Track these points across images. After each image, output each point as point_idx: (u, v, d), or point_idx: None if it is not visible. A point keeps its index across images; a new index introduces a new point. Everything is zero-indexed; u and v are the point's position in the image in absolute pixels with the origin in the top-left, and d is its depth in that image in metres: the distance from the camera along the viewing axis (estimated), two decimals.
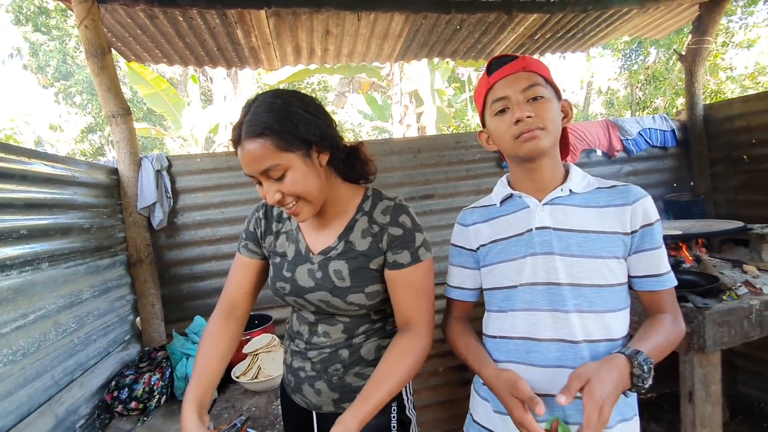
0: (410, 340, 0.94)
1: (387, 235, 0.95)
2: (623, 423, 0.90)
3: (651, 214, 0.90)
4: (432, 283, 0.99)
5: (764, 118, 2.39)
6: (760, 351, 2.55)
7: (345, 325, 1.00)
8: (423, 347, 0.94)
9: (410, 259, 0.94)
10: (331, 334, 1.00)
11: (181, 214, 2.18)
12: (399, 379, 0.90)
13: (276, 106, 0.85)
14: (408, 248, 0.94)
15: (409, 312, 0.96)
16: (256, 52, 2.53)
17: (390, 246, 0.95)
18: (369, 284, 0.96)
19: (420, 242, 0.96)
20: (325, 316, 1.01)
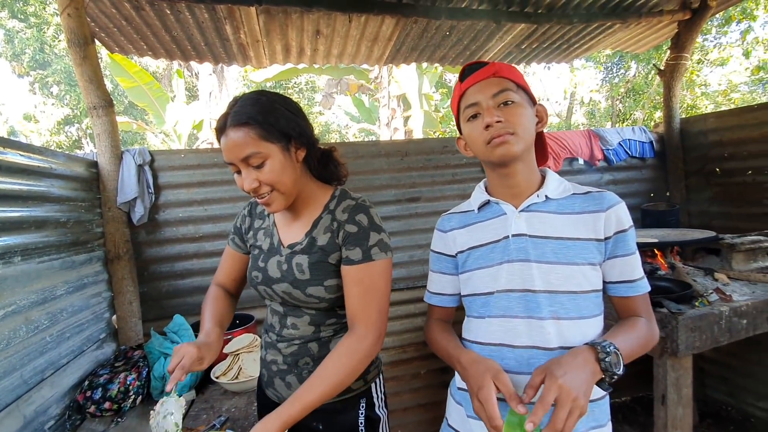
0: (351, 341, 0.96)
1: (343, 231, 0.99)
2: (597, 429, 0.91)
3: (624, 220, 0.91)
4: (385, 285, 0.99)
5: (736, 133, 2.49)
6: (726, 356, 2.65)
7: (311, 317, 1.04)
8: (365, 349, 0.95)
9: (361, 257, 0.97)
10: (299, 326, 1.05)
11: (163, 210, 2.14)
12: (333, 382, 0.92)
13: (261, 101, 0.94)
14: (360, 246, 0.97)
15: (355, 309, 0.98)
16: (244, 48, 2.50)
17: (344, 242, 0.98)
18: (328, 278, 1.00)
19: (374, 242, 0.98)
20: (292, 308, 1.06)
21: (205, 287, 2.18)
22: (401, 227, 2.45)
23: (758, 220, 2.38)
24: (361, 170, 2.38)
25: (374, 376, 1.11)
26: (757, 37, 8.89)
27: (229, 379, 1.64)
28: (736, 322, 1.53)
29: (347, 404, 1.05)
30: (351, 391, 1.05)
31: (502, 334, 0.93)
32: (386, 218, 2.42)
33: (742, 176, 2.47)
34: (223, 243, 2.17)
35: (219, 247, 2.20)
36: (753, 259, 1.92)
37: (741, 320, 1.54)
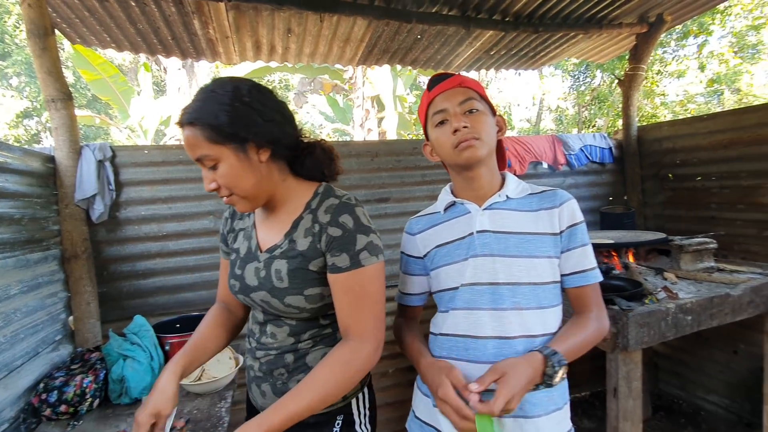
0: (345, 351, 0.88)
1: (326, 235, 0.90)
2: (556, 411, 0.97)
3: (576, 215, 0.99)
4: (379, 290, 0.91)
5: (688, 141, 2.65)
6: (678, 352, 2.81)
7: (291, 328, 0.97)
8: (360, 360, 0.87)
9: (349, 263, 0.88)
10: (277, 335, 0.98)
11: (125, 208, 2.08)
12: (321, 394, 0.84)
13: (214, 96, 0.84)
14: (347, 251, 0.88)
15: (347, 320, 0.90)
16: (213, 44, 2.46)
17: (328, 247, 0.89)
18: (308, 286, 0.92)
19: (362, 245, 0.89)
20: (273, 317, 0.99)
21: (169, 287, 2.14)
22: None
23: (706, 223, 2.54)
24: None
25: (355, 392, 1.02)
26: (712, 51, 9.45)
27: (191, 380, 1.61)
28: (682, 318, 1.63)
29: (320, 420, 0.97)
30: (328, 407, 0.97)
31: (467, 325, 0.98)
32: None
33: (693, 182, 2.63)
34: (189, 242, 2.16)
35: (183, 246, 2.15)
36: (699, 260, 2.05)
37: (686, 316, 1.64)
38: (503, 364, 0.85)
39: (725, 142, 2.43)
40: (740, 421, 2.45)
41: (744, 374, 2.41)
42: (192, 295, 2.17)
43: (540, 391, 0.92)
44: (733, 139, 2.39)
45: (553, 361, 0.85)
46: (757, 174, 2.28)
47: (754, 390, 2.23)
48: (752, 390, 2.29)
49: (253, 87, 0.89)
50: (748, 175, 2.32)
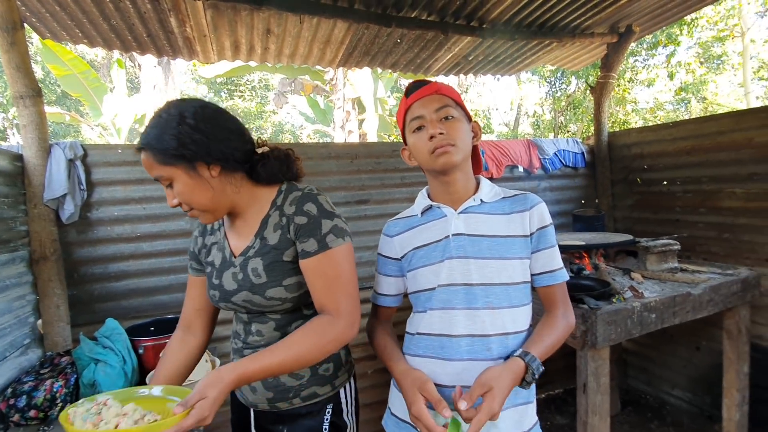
0: (321, 321, 0.93)
1: (293, 224, 0.96)
2: (524, 405, 1.02)
3: (546, 217, 1.04)
4: (349, 269, 0.97)
5: (654, 147, 2.77)
6: (646, 349, 2.93)
7: (276, 322, 1.02)
8: (336, 333, 0.92)
9: (317, 247, 0.94)
10: (263, 332, 1.03)
11: (96, 209, 2.02)
12: (297, 353, 0.89)
13: (161, 120, 0.90)
14: (314, 236, 0.94)
15: (322, 300, 0.95)
16: (190, 42, 2.43)
17: (297, 235, 0.95)
18: (286, 277, 0.97)
19: (328, 229, 0.95)
20: (257, 315, 1.03)
21: (142, 289, 2.09)
22: (350, 229, 2.48)
23: (671, 226, 2.66)
24: (310, 172, 2.37)
25: (343, 382, 1.09)
26: (680, 61, 9.85)
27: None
28: (647, 316, 1.71)
29: (313, 409, 1.04)
30: (317, 396, 1.04)
31: (442, 325, 1.02)
32: None
33: (659, 186, 2.75)
34: (163, 243, 2.12)
35: (158, 248, 2.11)
36: (664, 261, 2.15)
37: (650, 314, 1.72)
38: (488, 377, 0.88)
39: (688, 149, 2.56)
40: (702, 413, 2.57)
41: (705, 369, 2.53)
42: (167, 298, 2.14)
43: None
44: (695, 146, 2.52)
45: (533, 368, 0.91)
46: (716, 179, 2.41)
47: (715, 384, 2.35)
48: (713, 384, 2.42)
49: (199, 108, 0.93)
50: (709, 180, 2.45)
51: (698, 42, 10.22)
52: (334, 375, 1.07)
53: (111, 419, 0.76)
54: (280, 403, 1.03)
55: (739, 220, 2.31)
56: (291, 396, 1.03)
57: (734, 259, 2.32)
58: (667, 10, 2.66)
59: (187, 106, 0.93)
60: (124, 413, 0.78)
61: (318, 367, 1.04)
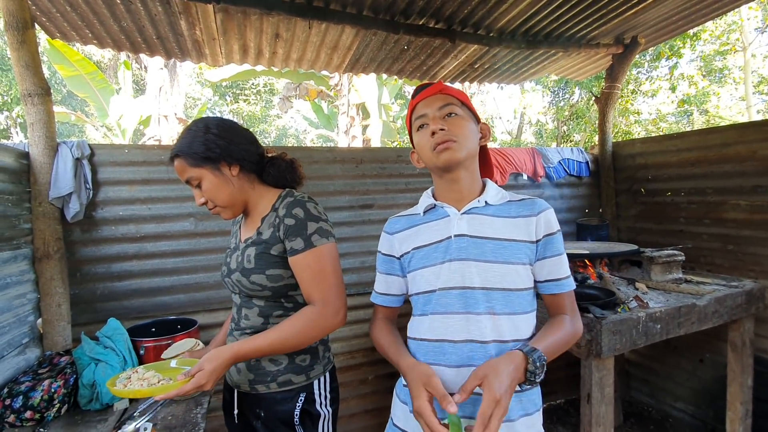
0: (309, 310, 1.08)
1: (283, 225, 1.10)
2: (526, 417, 0.98)
3: (553, 224, 1.01)
4: (333, 266, 1.10)
5: (658, 158, 2.77)
6: (649, 360, 2.90)
7: (260, 309, 1.16)
8: (322, 318, 1.06)
9: (303, 245, 1.08)
10: (250, 317, 1.17)
11: (101, 208, 2.03)
12: (284, 336, 1.04)
13: (191, 132, 1.13)
14: (300, 235, 1.08)
15: (309, 291, 1.09)
16: (199, 45, 2.45)
17: (286, 235, 1.10)
18: (270, 267, 1.11)
19: (313, 230, 1.09)
20: (246, 299, 1.18)
21: (145, 290, 2.09)
22: (354, 233, 2.48)
23: (675, 237, 2.65)
24: (315, 175, 2.39)
25: (318, 374, 1.19)
26: (682, 73, 9.90)
27: None
28: (652, 327, 1.70)
29: (287, 396, 1.14)
30: (292, 384, 1.15)
31: (442, 330, 0.99)
32: (339, 224, 2.44)
33: (663, 197, 2.75)
34: (168, 244, 2.13)
35: (161, 249, 2.11)
36: (668, 271, 2.14)
37: (656, 325, 1.71)
38: (483, 368, 0.84)
39: (692, 160, 2.56)
40: (705, 427, 2.54)
41: (709, 382, 2.51)
42: (170, 299, 2.13)
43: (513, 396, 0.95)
44: (699, 158, 2.52)
45: (533, 358, 0.86)
46: (721, 191, 2.41)
47: (718, 397, 2.32)
48: (716, 397, 2.39)
49: (220, 121, 1.16)
50: (714, 191, 2.45)
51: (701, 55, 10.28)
52: (309, 366, 1.18)
53: (135, 382, 1.04)
54: (259, 385, 1.15)
55: (743, 232, 2.30)
56: (269, 380, 1.14)
57: (738, 271, 2.31)
58: (672, 23, 2.68)
59: (210, 120, 1.16)
60: (146, 378, 1.05)
61: (295, 356, 1.16)
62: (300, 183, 1.28)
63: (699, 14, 2.54)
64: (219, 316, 2.16)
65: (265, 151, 1.25)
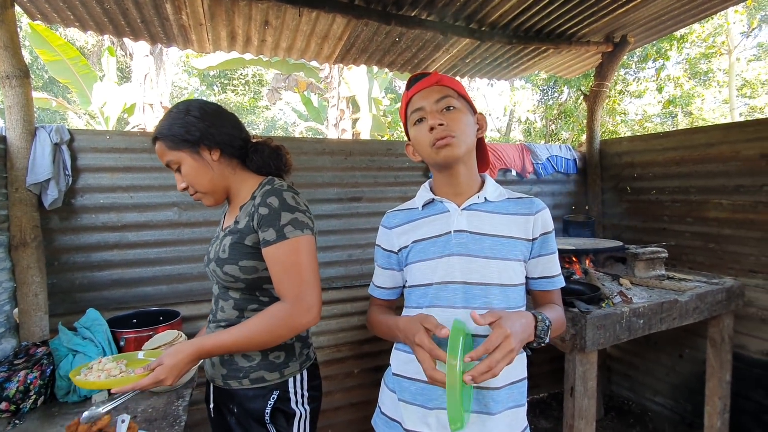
0: (276, 307, 1.03)
1: (257, 214, 1.05)
2: (516, 408, 1.00)
3: (549, 224, 1.03)
4: (306, 260, 1.03)
5: (644, 156, 2.81)
6: (629, 355, 2.96)
7: (235, 301, 1.12)
8: (289, 316, 1.00)
9: (275, 237, 1.02)
10: (225, 309, 1.14)
11: (81, 195, 1.97)
12: (248, 333, 1.00)
13: (171, 114, 1.10)
14: (273, 226, 1.03)
15: (279, 286, 1.04)
16: (186, 31, 2.38)
17: (259, 225, 1.05)
18: (243, 258, 1.07)
19: (287, 221, 1.03)
20: (223, 290, 1.14)
21: (126, 280, 2.04)
22: (341, 226, 2.46)
23: (658, 234, 2.70)
24: (304, 166, 2.36)
25: (294, 372, 1.14)
26: (669, 75, 10.04)
27: None
28: (635, 322, 1.72)
29: (259, 393, 1.10)
30: (264, 381, 1.11)
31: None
32: (327, 216, 2.42)
33: (648, 195, 2.79)
34: (151, 233, 2.08)
35: (144, 238, 2.06)
36: (652, 268, 2.18)
37: (639, 320, 1.74)
38: (498, 311, 0.85)
39: (677, 159, 2.60)
40: (683, 421, 2.60)
41: (687, 377, 2.57)
42: (151, 290, 2.08)
43: (504, 389, 0.95)
44: (684, 157, 2.56)
45: (542, 317, 0.89)
46: (704, 190, 2.45)
47: (696, 392, 2.38)
48: (694, 392, 2.45)
49: (202, 104, 1.13)
50: (697, 191, 2.49)
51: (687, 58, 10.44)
52: (284, 364, 1.13)
53: (95, 373, 1.02)
54: (232, 381, 1.12)
55: (724, 230, 2.35)
56: (241, 376, 1.11)
57: (719, 269, 2.36)
58: (661, 22, 2.70)
59: (192, 102, 1.13)
60: (107, 369, 1.03)
61: (269, 352, 1.11)
62: (287, 171, 1.23)
63: (687, 15, 2.57)
64: (202, 308, 2.12)
65: (250, 137, 1.21)
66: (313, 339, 2.33)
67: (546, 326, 0.89)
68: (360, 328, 2.44)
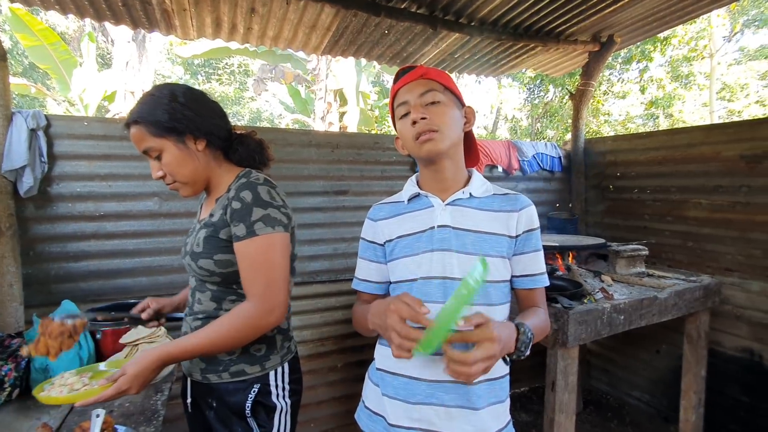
0: (239, 308, 1.00)
1: (230, 208, 1.02)
2: (497, 404, 1.00)
3: (534, 221, 1.02)
4: (274, 258, 1.00)
5: (627, 155, 2.85)
6: (608, 351, 3.02)
7: (213, 293, 1.09)
8: (250, 318, 0.98)
9: (245, 232, 1.00)
10: (202, 301, 1.11)
11: (58, 183, 1.90)
12: (210, 337, 0.98)
13: (154, 98, 1.03)
14: (244, 221, 1.00)
15: (245, 283, 1.01)
16: (169, 16, 2.31)
17: (231, 219, 1.02)
18: (218, 252, 1.04)
19: (258, 217, 1.00)
20: (200, 283, 1.12)
21: (103, 271, 1.99)
22: (327, 219, 2.44)
23: (639, 232, 2.75)
24: (289, 158, 2.33)
25: (275, 365, 1.12)
26: (652, 77, 10.23)
27: None
28: (615, 318, 1.76)
29: (239, 386, 1.08)
30: (245, 374, 1.08)
31: None
32: (312, 209, 2.39)
33: (630, 194, 2.84)
34: (129, 224, 2.03)
35: (122, 228, 2.01)
36: (632, 265, 2.22)
37: (619, 316, 1.77)
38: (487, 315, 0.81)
39: (659, 159, 2.64)
40: (659, 415, 2.68)
41: (664, 372, 2.64)
42: (130, 282, 2.03)
43: (484, 383, 0.96)
44: (666, 157, 2.61)
45: (524, 329, 0.87)
46: (684, 189, 2.51)
47: (671, 386, 2.45)
48: (669, 386, 2.52)
49: (187, 90, 1.07)
50: (677, 190, 2.54)
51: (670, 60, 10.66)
52: (265, 356, 1.11)
53: (57, 388, 1.01)
54: (211, 375, 1.09)
55: (703, 229, 2.41)
56: (221, 369, 1.08)
57: (697, 267, 2.41)
58: (647, 23, 2.74)
59: (176, 87, 1.06)
60: (69, 384, 1.02)
61: (250, 345, 1.08)
62: (267, 165, 1.20)
63: (673, 16, 2.61)
64: None
65: (232, 128, 1.17)
66: (297, 333, 2.32)
67: (527, 339, 0.87)
68: (344, 323, 2.43)
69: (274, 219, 1.02)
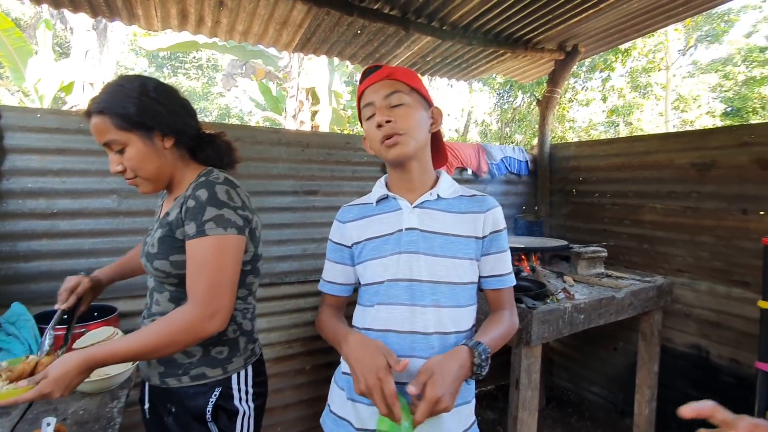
0: (176, 312, 0.95)
1: (185, 206, 1.00)
2: (463, 405, 1.02)
3: (500, 222, 1.04)
4: (222, 261, 0.96)
5: (590, 161, 2.97)
6: (569, 349, 3.14)
7: (171, 294, 1.06)
8: (187, 321, 0.92)
9: (195, 231, 0.96)
10: (160, 302, 1.07)
11: (7, 179, 1.78)
12: (144, 341, 0.91)
13: (123, 89, 0.97)
14: (195, 220, 0.96)
15: (189, 284, 0.96)
16: (131, 5, 2.21)
17: (185, 217, 0.99)
18: (173, 253, 1.01)
19: (210, 216, 0.96)
20: (158, 284, 1.08)
21: (56, 272, 1.88)
22: (297, 219, 2.40)
23: (599, 235, 2.87)
24: (258, 156, 2.28)
25: (237, 368, 1.09)
26: (613, 86, 10.72)
27: None
28: (576, 317, 1.82)
29: (200, 390, 1.05)
30: (206, 378, 1.05)
31: (387, 320, 0.99)
32: (281, 209, 2.35)
33: (591, 198, 2.96)
34: (84, 222, 1.93)
35: (77, 227, 1.90)
36: (593, 266, 2.31)
37: (579, 315, 1.84)
38: (431, 363, 0.83)
39: (618, 165, 2.77)
40: (615, 409, 2.80)
41: (620, 369, 2.76)
42: None
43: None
44: (624, 163, 2.73)
45: (478, 350, 0.87)
46: (640, 195, 2.64)
47: (627, 382, 2.57)
48: (625, 382, 2.64)
49: (159, 84, 1.03)
50: (634, 195, 2.67)
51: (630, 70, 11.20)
52: (227, 359, 1.07)
53: None
54: (170, 379, 1.05)
55: (657, 233, 2.54)
56: (180, 373, 1.05)
57: (651, 268, 2.54)
58: (609, 35, 2.87)
59: (147, 80, 1.02)
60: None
61: (211, 347, 1.05)
62: (233, 167, 1.17)
63: (632, 29, 2.74)
64: (141, 303, 1.98)
65: (201, 128, 1.14)
66: (264, 335, 2.27)
67: (484, 358, 0.86)
68: (313, 324, 2.40)
69: (227, 220, 0.97)
